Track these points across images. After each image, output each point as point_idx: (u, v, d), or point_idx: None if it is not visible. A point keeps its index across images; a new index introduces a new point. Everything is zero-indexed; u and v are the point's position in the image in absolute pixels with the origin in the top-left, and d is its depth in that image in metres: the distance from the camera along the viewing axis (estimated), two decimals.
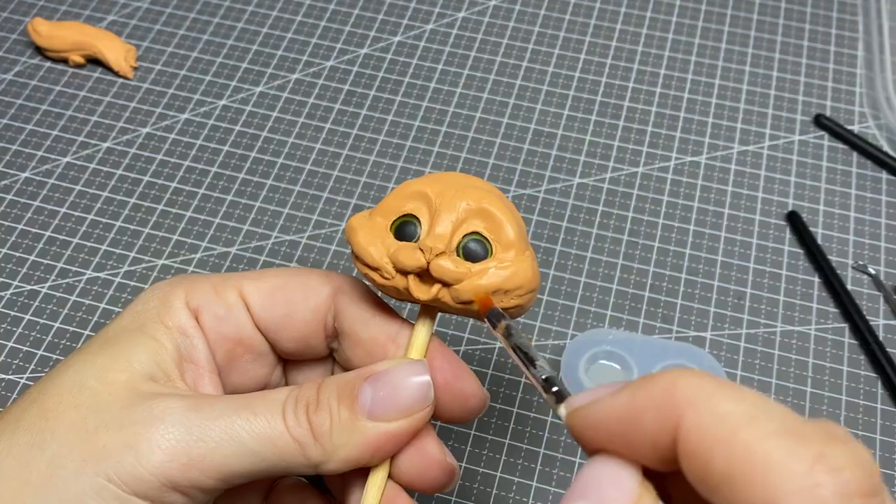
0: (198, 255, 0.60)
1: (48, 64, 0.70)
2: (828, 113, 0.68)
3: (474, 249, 0.36)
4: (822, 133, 0.67)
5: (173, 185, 0.63)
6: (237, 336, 0.39)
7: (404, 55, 0.71)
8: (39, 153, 0.65)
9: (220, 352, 0.39)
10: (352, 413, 0.35)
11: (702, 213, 0.62)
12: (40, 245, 0.60)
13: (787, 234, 0.62)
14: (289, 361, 0.42)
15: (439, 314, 0.41)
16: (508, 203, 0.38)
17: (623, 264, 0.60)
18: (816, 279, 0.60)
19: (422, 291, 0.37)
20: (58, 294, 0.58)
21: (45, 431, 0.34)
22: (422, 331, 0.38)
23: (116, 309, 0.57)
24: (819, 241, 0.61)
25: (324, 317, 0.39)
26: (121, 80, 0.69)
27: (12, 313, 0.57)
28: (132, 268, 0.59)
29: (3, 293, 0.58)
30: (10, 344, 0.56)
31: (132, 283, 0.58)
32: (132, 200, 0.62)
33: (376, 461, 0.36)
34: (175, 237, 0.61)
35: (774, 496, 0.23)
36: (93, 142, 0.65)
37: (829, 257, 0.61)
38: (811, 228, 0.62)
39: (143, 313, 0.38)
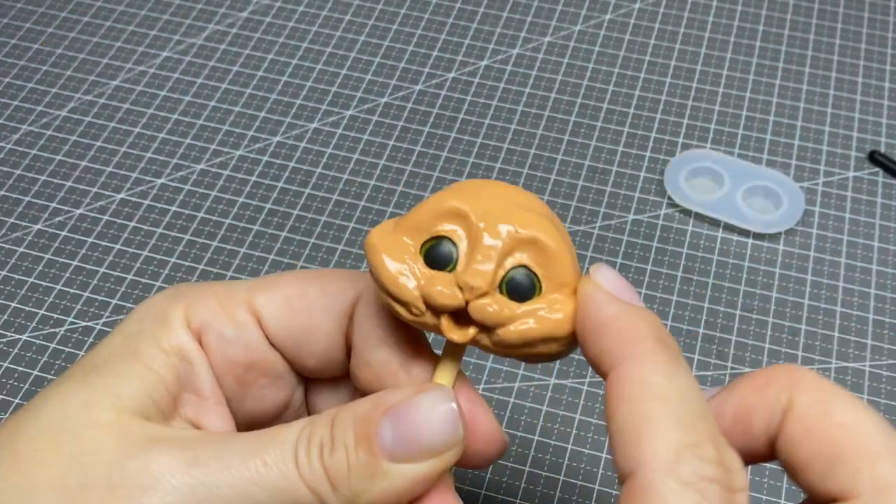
0: None
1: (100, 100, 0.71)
2: (882, 149, 0.68)
3: (521, 285, 0.31)
4: (877, 170, 0.67)
5: (227, 221, 0.63)
6: (248, 360, 0.35)
7: (458, 91, 0.71)
8: (94, 189, 0.65)
9: (230, 379, 0.35)
10: (371, 455, 0.30)
11: (756, 249, 0.62)
12: (94, 281, 0.60)
13: (843, 272, 0.61)
14: (310, 379, 0.38)
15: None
16: (561, 228, 0.33)
17: (678, 300, 0.59)
18: (871, 315, 0.59)
19: (457, 333, 0.32)
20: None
21: (20, 488, 0.29)
22: (447, 366, 0.33)
23: None
24: (875, 278, 0.61)
25: (347, 328, 0.35)
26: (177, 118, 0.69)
27: (66, 349, 0.57)
28: None
29: (57, 329, 0.58)
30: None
31: None
32: (186, 237, 0.62)
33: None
34: (229, 274, 0.60)
35: None
36: (147, 178, 0.65)
37: (886, 294, 0.60)
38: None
39: (137, 335, 0.34)
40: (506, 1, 0.78)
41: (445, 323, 0.32)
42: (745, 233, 0.63)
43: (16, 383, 0.55)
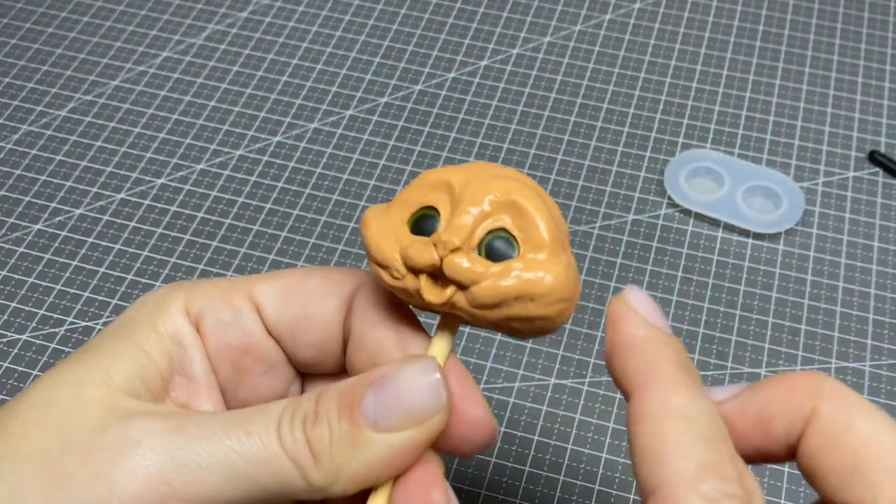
0: None
1: (102, 100, 0.71)
2: (882, 149, 0.68)
3: (499, 249, 0.31)
4: (877, 170, 0.67)
5: (227, 221, 0.63)
6: (244, 344, 0.35)
7: (458, 91, 0.71)
8: (94, 189, 0.65)
9: (225, 364, 0.35)
10: (353, 425, 0.30)
11: (756, 249, 0.62)
12: (94, 281, 0.60)
13: (843, 272, 0.61)
14: (308, 376, 0.38)
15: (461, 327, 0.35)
16: (546, 198, 0.33)
17: (678, 300, 0.59)
18: (871, 315, 0.59)
19: (434, 294, 0.32)
20: None
21: (4, 460, 0.29)
22: (439, 343, 0.33)
23: None
24: (875, 277, 0.61)
25: (344, 318, 0.35)
26: (178, 117, 0.69)
27: (66, 349, 0.57)
28: None
29: (57, 329, 0.58)
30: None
31: None
32: (186, 237, 0.62)
33: (385, 478, 0.31)
34: (229, 274, 0.60)
35: None
36: (147, 178, 0.65)
37: (885, 294, 0.60)
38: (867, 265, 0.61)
39: (135, 319, 0.34)
40: (506, 1, 0.78)
41: (424, 284, 0.32)
42: (745, 233, 0.63)
43: (16, 383, 0.55)
